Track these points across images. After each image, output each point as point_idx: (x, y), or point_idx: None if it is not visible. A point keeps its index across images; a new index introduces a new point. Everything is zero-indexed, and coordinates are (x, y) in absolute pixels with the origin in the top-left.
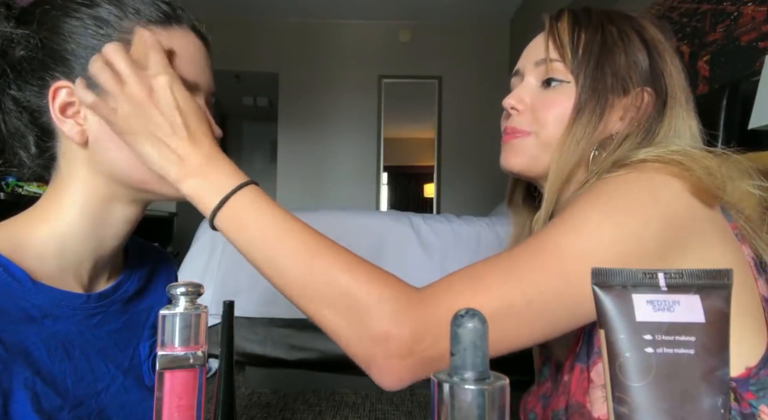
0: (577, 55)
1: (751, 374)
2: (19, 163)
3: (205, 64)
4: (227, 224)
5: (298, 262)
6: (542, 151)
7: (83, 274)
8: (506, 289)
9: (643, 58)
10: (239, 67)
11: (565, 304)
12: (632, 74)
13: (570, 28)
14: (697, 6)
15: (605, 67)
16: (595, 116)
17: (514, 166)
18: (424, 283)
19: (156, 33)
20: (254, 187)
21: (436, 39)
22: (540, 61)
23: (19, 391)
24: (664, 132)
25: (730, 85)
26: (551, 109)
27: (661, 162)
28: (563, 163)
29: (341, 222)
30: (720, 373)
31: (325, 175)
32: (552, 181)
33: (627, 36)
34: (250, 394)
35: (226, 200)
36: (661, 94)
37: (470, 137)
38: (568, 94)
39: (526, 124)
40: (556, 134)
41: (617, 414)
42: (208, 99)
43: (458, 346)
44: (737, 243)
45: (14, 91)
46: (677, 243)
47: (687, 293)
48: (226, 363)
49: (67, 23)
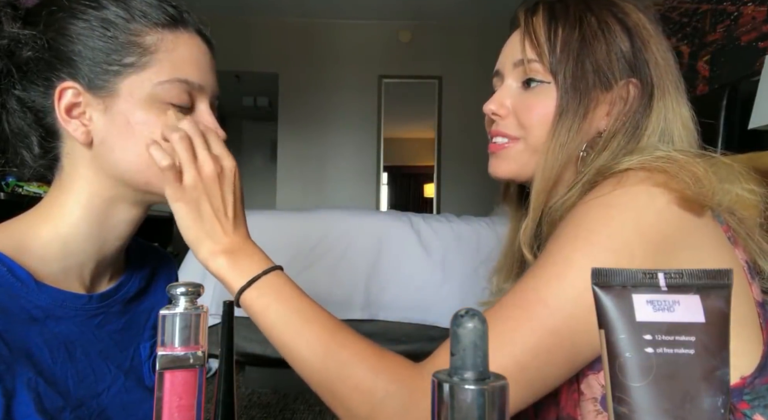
0: (555, 53)
1: (745, 384)
2: (21, 163)
3: (210, 67)
4: (251, 305)
5: (315, 352)
6: (531, 156)
7: (86, 274)
8: (500, 359)
9: (626, 48)
10: (239, 67)
11: (560, 359)
12: (615, 67)
13: (546, 24)
14: (697, 6)
15: (585, 63)
16: (579, 117)
17: (504, 174)
18: (424, 283)
19: (162, 36)
20: (280, 272)
21: (436, 39)
22: (518, 62)
23: (22, 392)
24: (653, 125)
25: (730, 85)
26: (533, 112)
27: (646, 170)
28: (548, 170)
29: (341, 222)
30: (720, 373)
31: (325, 175)
32: (538, 190)
33: (607, 26)
34: (250, 394)
35: (253, 282)
36: (647, 85)
37: (470, 137)
38: (549, 94)
39: (512, 128)
40: (543, 137)
41: (617, 414)
42: (212, 102)
43: (458, 346)
44: (730, 247)
45: (19, 91)
46: (668, 264)
47: (687, 293)
48: (226, 363)
49: (74, 25)
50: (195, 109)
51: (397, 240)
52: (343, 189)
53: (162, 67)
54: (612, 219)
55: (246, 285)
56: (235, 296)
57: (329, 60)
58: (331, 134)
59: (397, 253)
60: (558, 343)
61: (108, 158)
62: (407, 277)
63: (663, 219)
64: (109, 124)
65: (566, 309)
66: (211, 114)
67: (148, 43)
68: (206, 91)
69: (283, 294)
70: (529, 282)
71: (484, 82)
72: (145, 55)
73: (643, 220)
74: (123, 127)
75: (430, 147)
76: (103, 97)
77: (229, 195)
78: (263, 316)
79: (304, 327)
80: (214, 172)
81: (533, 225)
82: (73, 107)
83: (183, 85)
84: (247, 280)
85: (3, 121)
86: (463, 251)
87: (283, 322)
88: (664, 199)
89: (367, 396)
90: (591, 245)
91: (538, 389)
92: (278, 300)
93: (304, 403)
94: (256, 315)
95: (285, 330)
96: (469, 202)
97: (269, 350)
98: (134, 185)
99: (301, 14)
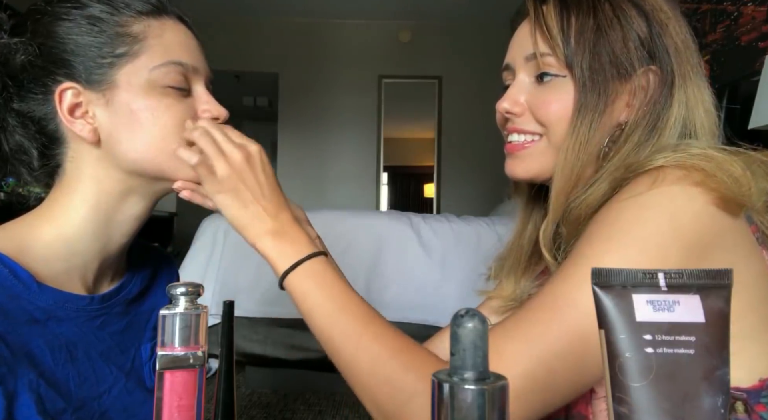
0: (569, 45)
1: (764, 386)
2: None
3: (200, 51)
4: (293, 290)
5: (348, 342)
6: (553, 154)
7: (89, 274)
8: (528, 363)
9: (643, 34)
10: (239, 67)
11: (589, 363)
12: (633, 56)
13: (558, 14)
14: (697, 6)
15: (602, 54)
16: (599, 112)
17: (523, 174)
18: (424, 283)
19: (148, 23)
20: (324, 258)
21: (436, 39)
22: (530, 56)
23: (24, 394)
24: (676, 114)
25: (730, 85)
26: (551, 108)
27: (683, 168)
28: (569, 169)
29: (341, 222)
30: (720, 373)
31: (325, 175)
32: (558, 190)
33: (623, 11)
34: (250, 394)
35: (296, 266)
36: (667, 72)
37: (470, 137)
38: (566, 88)
39: (531, 124)
40: (563, 134)
41: (617, 414)
42: (207, 84)
43: (458, 346)
44: (758, 249)
45: (17, 104)
46: (700, 266)
47: (687, 293)
48: (226, 363)
49: (61, 26)
50: (192, 92)
51: (397, 240)
52: (343, 189)
53: (154, 52)
54: (647, 221)
55: (289, 269)
56: (279, 279)
57: (329, 60)
58: (331, 134)
59: (397, 253)
60: (587, 346)
61: (117, 151)
62: (407, 277)
63: (700, 221)
64: (113, 117)
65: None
66: (209, 95)
67: (136, 32)
68: (201, 72)
69: (324, 280)
70: (559, 283)
71: (484, 81)
72: (136, 43)
73: (680, 222)
74: (127, 117)
75: (430, 147)
76: (103, 91)
77: (262, 176)
78: (303, 302)
79: (339, 316)
80: (242, 159)
81: (553, 227)
82: (75, 107)
83: (177, 67)
84: (291, 264)
85: (1, 142)
86: (463, 251)
87: (320, 309)
88: (702, 199)
89: (395, 392)
90: (625, 247)
91: (567, 392)
92: (318, 286)
93: (304, 403)
94: (297, 299)
95: (322, 317)
96: (469, 202)
97: (269, 350)
98: (147, 174)
99: (301, 14)
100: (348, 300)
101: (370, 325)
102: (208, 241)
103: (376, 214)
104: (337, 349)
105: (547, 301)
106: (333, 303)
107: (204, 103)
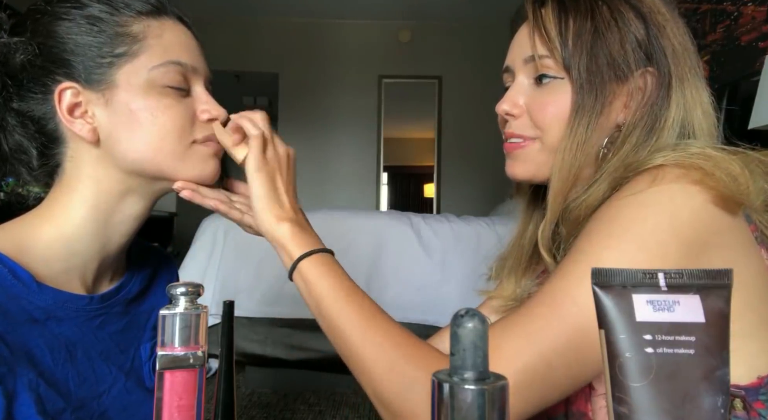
0: (567, 47)
1: (763, 383)
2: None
3: (199, 51)
4: (306, 274)
5: (355, 329)
6: (549, 156)
7: (88, 274)
8: (527, 357)
9: (641, 36)
10: (239, 67)
11: (588, 357)
12: (630, 58)
13: (556, 17)
14: (697, 6)
15: (599, 56)
16: (596, 113)
17: (521, 175)
18: (424, 283)
19: (148, 23)
20: (331, 256)
21: (436, 39)
22: (528, 58)
23: (23, 394)
24: (674, 116)
25: (730, 85)
26: (548, 110)
27: (681, 167)
28: (566, 170)
29: (341, 222)
30: (720, 373)
31: (325, 175)
32: (556, 191)
33: (621, 14)
34: (250, 394)
35: (311, 254)
36: (664, 73)
37: (470, 137)
38: (564, 90)
39: (527, 128)
40: (559, 136)
41: (617, 414)
42: (206, 84)
43: (458, 346)
44: (757, 248)
45: (17, 103)
46: (699, 264)
47: (687, 293)
48: (226, 363)
49: (60, 26)
50: (192, 92)
51: (397, 240)
52: (343, 189)
53: (153, 52)
54: (647, 218)
55: (305, 254)
56: (291, 264)
57: (329, 60)
58: (331, 134)
59: (397, 253)
60: (586, 341)
61: (117, 151)
62: (407, 277)
63: (699, 219)
64: (112, 117)
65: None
66: (208, 95)
67: (136, 32)
68: (200, 73)
69: (336, 271)
70: (558, 280)
71: (484, 81)
72: (135, 43)
73: (679, 220)
74: (126, 117)
75: (430, 147)
76: (103, 91)
77: (292, 176)
78: (315, 286)
79: (349, 303)
80: (287, 153)
81: (551, 227)
82: (75, 107)
83: (177, 67)
84: (306, 251)
85: (1, 141)
86: (463, 251)
87: (331, 295)
88: (701, 197)
89: (397, 379)
90: (624, 244)
91: (566, 387)
92: (330, 275)
93: (304, 403)
94: (309, 284)
95: (331, 303)
96: (469, 202)
97: (269, 350)
98: (146, 174)
99: (302, 14)
100: (357, 292)
101: (378, 316)
102: (208, 241)
103: (376, 214)
104: (344, 335)
105: (547, 298)
106: (344, 292)
107: (203, 103)
